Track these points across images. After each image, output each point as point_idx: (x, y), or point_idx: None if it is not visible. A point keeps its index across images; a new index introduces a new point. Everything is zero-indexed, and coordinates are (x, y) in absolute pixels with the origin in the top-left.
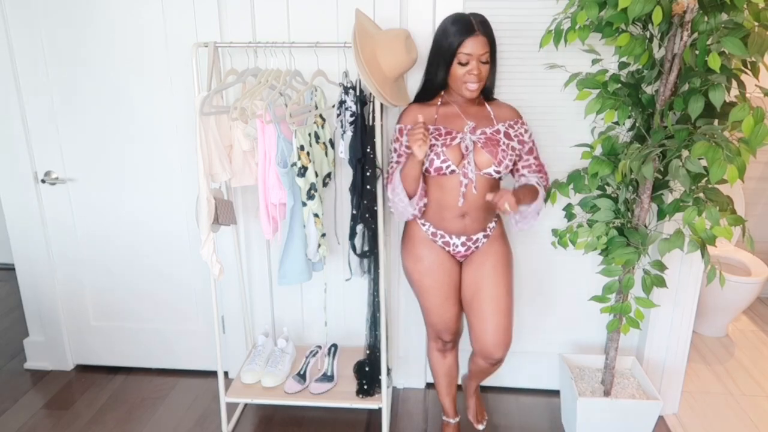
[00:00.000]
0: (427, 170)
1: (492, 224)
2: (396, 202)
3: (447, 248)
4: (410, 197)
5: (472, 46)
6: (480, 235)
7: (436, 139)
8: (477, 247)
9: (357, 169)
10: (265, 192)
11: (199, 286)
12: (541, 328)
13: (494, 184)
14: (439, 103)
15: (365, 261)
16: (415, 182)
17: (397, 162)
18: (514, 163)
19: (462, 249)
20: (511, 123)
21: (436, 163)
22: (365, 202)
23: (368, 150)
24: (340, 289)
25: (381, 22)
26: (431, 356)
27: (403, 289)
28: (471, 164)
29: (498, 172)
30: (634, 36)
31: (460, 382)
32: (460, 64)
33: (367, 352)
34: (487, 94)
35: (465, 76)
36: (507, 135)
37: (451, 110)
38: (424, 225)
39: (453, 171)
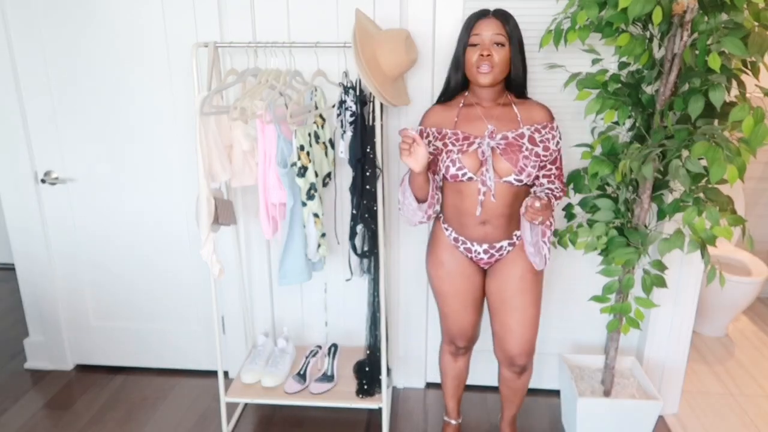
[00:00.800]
0: (444, 177)
1: (519, 232)
2: (406, 206)
3: (469, 255)
4: (421, 202)
5: (481, 27)
6: (504, 243)
7: (453, 145)
8: (501, 255)
9: (357, 169)
10: (265, 192)
11: (199, 286)
12: (541, 328)
13: (517, 193)
14: (461, 104)
15: (365, 261)
16: (421, 190)
17: None
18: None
19: (485, 257)
20: (539, 127)
21: (452, 170)
22: (365, 202)
23: (368, 150)
24: (340, 289)
25: (381, 22)
26: (442, 357)
27: (403, 289)
28: (490, 171)
29: (519, 181)
30: (634, 36)
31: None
32: (471, 46)
33: (367, 352)
34: (518, 90)
35: (477, 60)
36: (531, 140)
37: (473, 112)
38: (447, 230)
39: (471, 178)
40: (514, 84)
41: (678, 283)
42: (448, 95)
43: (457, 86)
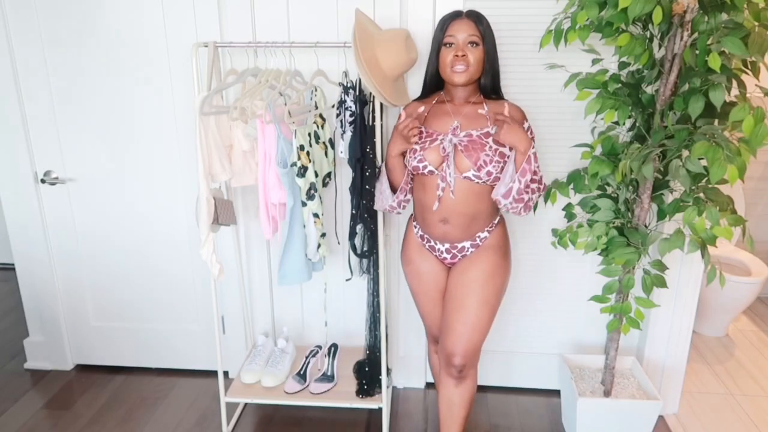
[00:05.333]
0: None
1: (483, 234)
2: (382, 190)
3: (434, 253)
4: (396, 189)
5: (455, 28)
6: (467, 243)
7: (419, 140)
8: (465, 257)
9: (357, 169)
10: (265, 192)
11: (199, 286)
12: (542, 328)
13: (479, 192)
14: (434, 101)
15: (365, 261)
16: (398, 175)
17: None
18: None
19: (448, 256)
20: None
21: (413, 162)
22: (365, 202)
23: (368, 150)
24: (340, 289)
25: (381, 21)
26: (430, 355)
27: (403, 289)
28: (450, 167)
29: (478, 177)
30: (634, 36)
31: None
32: (446, 46)
33: (367, 352)
34: (487, 91)
35: (452, 61)
36: (497, 141)
37: (443, 108)
38: (415, 227)
39: (432, 172)
40: (486, 85)
41: (678, 283)
42: (425, 93)
43: (432, 84)
